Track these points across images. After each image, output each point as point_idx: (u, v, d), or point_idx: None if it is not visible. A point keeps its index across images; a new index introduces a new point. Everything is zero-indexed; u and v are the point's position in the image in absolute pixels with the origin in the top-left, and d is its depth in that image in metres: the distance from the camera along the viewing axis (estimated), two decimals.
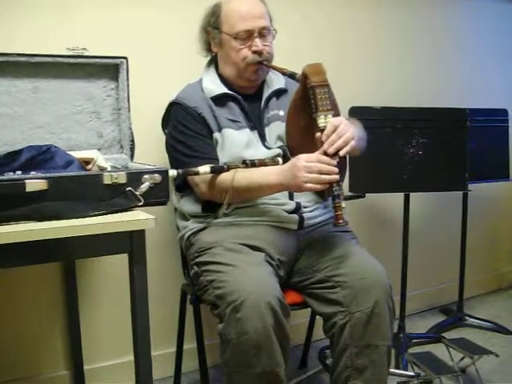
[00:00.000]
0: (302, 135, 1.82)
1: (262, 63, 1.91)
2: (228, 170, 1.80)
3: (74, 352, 2.18)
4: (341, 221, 1.66)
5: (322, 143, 1.67)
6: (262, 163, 1.81)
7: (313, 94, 1.70)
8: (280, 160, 1.84)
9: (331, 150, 1.66)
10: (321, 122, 1.69)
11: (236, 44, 1.89)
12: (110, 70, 1.91)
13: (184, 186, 1.94)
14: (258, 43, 1.88)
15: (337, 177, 1.65)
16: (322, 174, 1.64)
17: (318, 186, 1.67)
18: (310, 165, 1.65)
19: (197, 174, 1.77)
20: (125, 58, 1.90)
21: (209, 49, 2.01)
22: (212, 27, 1.95)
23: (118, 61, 1.90)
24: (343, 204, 1.67)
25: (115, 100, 1.94)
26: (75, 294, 2.14)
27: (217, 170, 1.80)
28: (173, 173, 1.71)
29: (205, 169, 1.77)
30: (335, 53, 2.69)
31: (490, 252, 3.51)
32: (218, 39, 1.94)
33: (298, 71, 1.78)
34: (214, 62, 2.03)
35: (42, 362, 2.16)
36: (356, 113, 2.27)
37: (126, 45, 2.06)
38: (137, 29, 2.17)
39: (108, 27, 2.11)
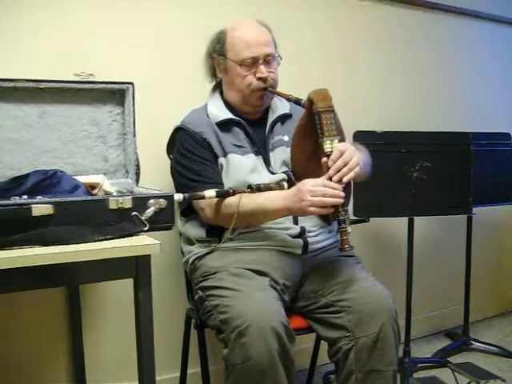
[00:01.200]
0: (307, 160, 1.83)
1: (267, 89, 1.93)
2: (234, 194, 1.80)
3: (77, 376, 2.16)
4: (347, 246, 1.66)
5: (328, 168, 1.68)
6: (267, 188, 1.82)
7: (319, 119, 1.71)
8: (285, 184, 1.84)
9: (336, 178, 1.66)
10: (327, 147, 1.70)
11: (241, 71, 1.91)
12: (115, 95, 1.93)
13: (189, 211, 1.94)
14: (262, 70, 1.90)
15: (341, 200, 1.66)
16: (326, 197, 1.65)
17: (323, 210, 1.67)
18: (314, 189, 1.66)
19: (202, 198, 1.78)
20: (131, 83, 1.91)
21: (214, 74, 2.03)
22: (217, 53, 1.97)
23: (123, 86, 1.91)
24: (349, 229, 1.67)
25: (121, 125, 1.95)
26: (79, 318, 2.14)
27: (222, 195, 1.80)
28: (179, 197, 1.72)
29: (210, 193, 1.77)
30: (342, 78, 2.72)
31: (495, 275, 3.50)
32: (223, 65, 1.96)
33: (305, 96, 1.79)
34: (218, 87, 2.05)
35: None
36: (360, 137, 2.28)
37: (132, 70, 2.08)
38: (143, 54, 2.20)
39: (114, 52, 2.14)
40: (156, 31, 2.24)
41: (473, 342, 2.97)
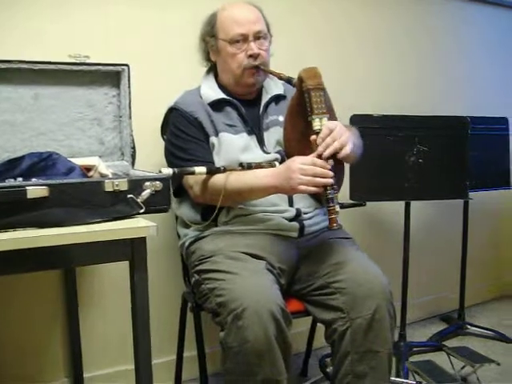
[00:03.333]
0: (299, 140, 1.82)
1: (259, 67, 1.92)
2: (224, 171, 1.80)
3: (73, 359, 2.17)
4: (335, 224, 1.65)
5: (317, 146, 1.67)
6: (258, 166, 1.81)
7: (308, 97, 1.71)
8: (277, 164, 1.84)
9: (326, 154, 1.66)
10: (316, 124, 1.70)
11: (232, 49, 1.90)
12: (111, 77, 1.91)
13: (181, 191, 1.94)
14: (253, 47, 1.90)
15: (331, 180, 1.65)
16: (316, 176, 1.64)
17: (312, 189, 1.66)
18: (304, 167, 1.65)
19: (192, 173, 1.77)
20: (126, 65, 1.89)
21: (208, 58, 2.03)
22: (209, 36, 1.97)
23: (119, 68, 1.89)
24: (337, 208, 1.66)
25: (116, 107, 1.94)
26: (75, 301, 2.14)
27: (213, 171, 1.80)
28: (168, 171, 1.70)
29: (201, 169, 1.77)
30: (337, 61, 2.70)
31: (491, 260, 3.50)
32: (215, 47, 1.96)
33: (295, 77, 1.79)
34: (213, 70, 2.05)
35: (41, 368, 2.15)
36: (357, 121, 2.27)
37: (128, 52, 2.06)
38: (138, 36, 2.18)
39: (109, 34, 2.12)
40: (152, 14, 2.22)
41: (468, 326, 2.98)
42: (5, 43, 1.92)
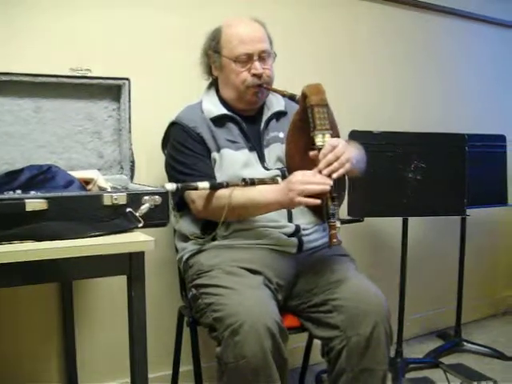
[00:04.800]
0: (302, 156, 1.82)
1: (262, 86, 1.93)
2: (227, 186, 1.80)
3: (69, 373, 2.15)
4: (335, 240, 1.65)
5: (319, 161, 1.68)
6: (261, 182, 1.82)
7: (311, 112, 1.72)
8: (280, 180, 1.85)
9: (325, 172, 1.66)
10: (318, 140, 1.70)
11: (236, 67, 1.91)
12: (112, 90, 1.92)
13: (182, 205, 1.94)
14: (257, 66, 1.90)
15: (327, 187, 1.65)
16: (313, 183, 1.65)
17: (310, 200, 1.66)
18: (303, 179, 1.67)
19: (196, 188, 1.77)
20: (127, 79, 1.90)
21: (210, 72, 2.03)
22: (212, 51, 1.97)
23: (120, 82, 1.90)
24: (338, 223, 1.66)
25: (116, 121, 1.95)
26: (72, 314, 2.12)
27: (216, 186, 1.80)
28: (172, 186, 1.70)
29: (204, 184, 1.77)
30: (334, 77, 2.70)
31: (488, 277, 3.50)
32: (218, 63, 1.96)
33: (297, 93, 1.81)
34: (214, 84, 2.05)
35: (37, 381, 2.13)
36: (356, 137, 2.28)
37: (129, 66, 2.07)
38: (139, 50, 2.19)
39: (111, 48, 2.13)
40: (153, 28, 2.23)
41: (465, 342, 2.97)
42: (7, 55, 1.92)
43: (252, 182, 1.80)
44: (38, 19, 2.00)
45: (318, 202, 1.66)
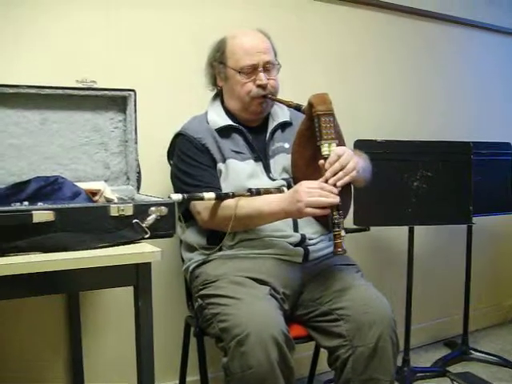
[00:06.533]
0: (307, 166, 1.83)
1: (267, 96, 1.93)
2: (233, 196, 1.81)
3: (76, 383, 2.16)
4: (340, 249, 1.66)
5: (325, 171, 1.69)
6: (267, 192, 1.83)
7: (318, 122, 1.73)
8: (285, 189, 1.85)
9: (331, 181, 1.68)
10: (324, 150, 1.72)
11: (241, 78, 1.92)
12: (118, 102, 1.93)
13: (188, 215, 1.95)
14: (262, 77, 1.91)
15: (337, 200, 1.66)
16: (322, 197, 1.66)
17: (318, 211, 1.68)
18: (311, 190, 1.68)
19: (202, 199, 1.78)
20: (133, 90, 1.91)
21: (215, 83, 2.04)
22: (217, 62, 1.98)
23: (126, 93, 1.91)
24: (343, 233, 1.67)
25: (122, 132, 1.96)
26: (79, 324, 2.13)
27: (222, 197, 1.81)
28: (177, 197, 1.72)
29: (210, 195, 1.78)
30: (340, 87, 2.71)
31: (495, 285, 3.49)
32: (223, 74, 1.97)
33: (303, 103, 1.82)
34: (219, 95, 2.06)
35: None
36: (361, 146, 2.28)
37: (134, 78, 2.08)
38: (145, 62, 2.20)
39: (117, 60, 2.14)
40: (159, 39, 2.24)
41: (472, 351, 2.95)
42: (13, 67, 1.94)
43: (258, 192, 1.81)
44: (43, 33, 2.02)
45: (326, 212, 1.68)
